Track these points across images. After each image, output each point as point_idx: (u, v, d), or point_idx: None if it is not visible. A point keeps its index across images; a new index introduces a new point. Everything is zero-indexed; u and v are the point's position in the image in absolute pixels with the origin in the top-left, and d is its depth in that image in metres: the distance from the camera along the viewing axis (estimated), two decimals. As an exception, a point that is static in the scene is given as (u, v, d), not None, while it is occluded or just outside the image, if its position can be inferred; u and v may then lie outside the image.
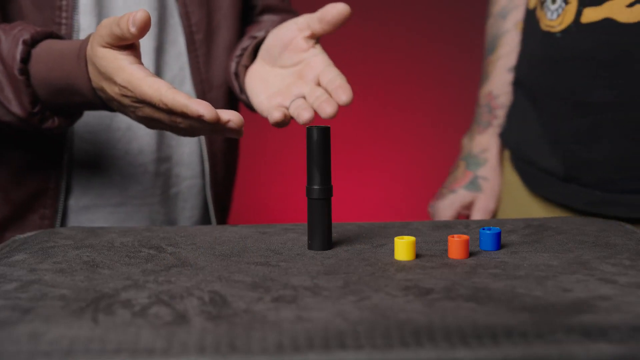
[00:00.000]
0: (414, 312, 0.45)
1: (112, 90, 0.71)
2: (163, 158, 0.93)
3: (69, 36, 0.84)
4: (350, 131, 2.38)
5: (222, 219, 1.01)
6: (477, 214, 1.05)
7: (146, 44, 0.89)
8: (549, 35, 0.90)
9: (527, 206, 1.00)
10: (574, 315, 0.45)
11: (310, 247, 0.63)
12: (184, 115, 0.66)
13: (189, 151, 0.95)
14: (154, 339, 0.42)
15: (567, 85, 0.89)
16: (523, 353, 0.41)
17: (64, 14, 0.84)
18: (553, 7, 0.89)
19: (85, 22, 0.86)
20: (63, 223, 0.89)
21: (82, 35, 0.86)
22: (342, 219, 0.78)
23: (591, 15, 0.85)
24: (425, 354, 0.41)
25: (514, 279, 0.53)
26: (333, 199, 0.63)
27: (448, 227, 0.72)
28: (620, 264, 0.57)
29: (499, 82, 1.06)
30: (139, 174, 0.92)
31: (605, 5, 0.84)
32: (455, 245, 0.60)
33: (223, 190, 1.00)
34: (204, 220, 1.00)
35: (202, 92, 0.93)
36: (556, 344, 0.41)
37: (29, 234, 0.71)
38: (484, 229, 0.62)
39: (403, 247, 0.59)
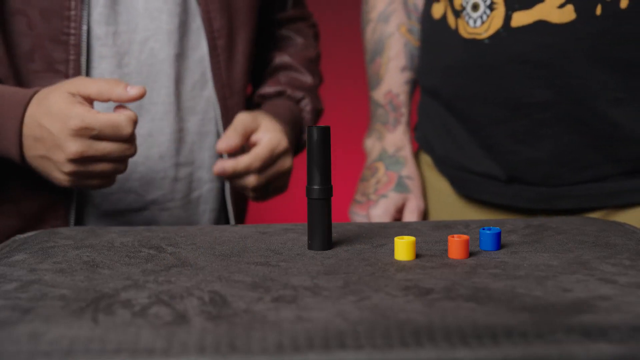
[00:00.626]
0: (414, 312, 0.45)
1: (56, 128, 0.75)
2: (183, 163, 0.94)
3: (77, 46, 0.85)
4: (350, 131, 2.38)
5: (240, 220, 1.02)
6: (411, 216, 1.02)
7: (167, 51, 0.90)
8: (475, 42, 0.90)
9: (461, 211, 1.00)
10: (574, 315, 0.45)
11: (310, 247, 0.63)
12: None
13: (209, 155, 0.96)
14: (154, 339, 0.42)
15: (499, 89, 0.89)
16: (523, 353, 0.41)
17: (72, 24, 0.85)
18: (475, 14, 0.89)
19: (100, 31, 0.87)
20: None
21: (95, 44, 0.87)
22: (342, 219, 0.78)
23: (522, 19, 0.86)
24: (425, 354, 0.41)
25: (514, 279, 0.53)
26: (333, 199, 0.63)
27: (448, 227, 0.72)
28: (620, 264, 0.57)
29: (396, 82, 1.07)
30: (159, 179, 0.92)
31: (536, 8, 0.85)
32: (455, 245, 0.60)
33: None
34: (224, 222, 1.00)
35: (223, 97, 0.94)
36: (556, 344, 0.41)
37: (29, 234, 0.71)
38: (484, 229, 0.62)
39: (403, 247, 0.59)
